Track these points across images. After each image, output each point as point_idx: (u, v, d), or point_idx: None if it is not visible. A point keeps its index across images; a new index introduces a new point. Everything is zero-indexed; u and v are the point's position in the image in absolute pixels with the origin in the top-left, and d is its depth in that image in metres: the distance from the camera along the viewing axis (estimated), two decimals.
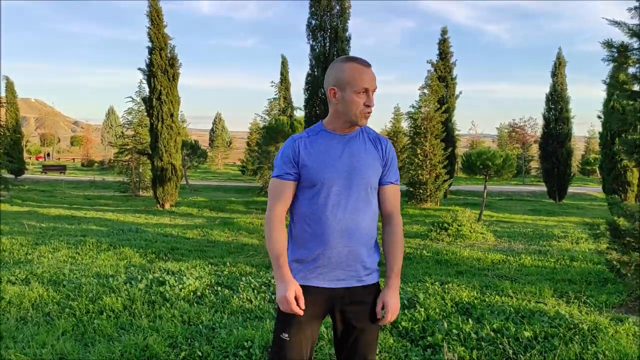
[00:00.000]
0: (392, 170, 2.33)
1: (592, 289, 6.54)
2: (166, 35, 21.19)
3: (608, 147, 20.70)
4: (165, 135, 20.94)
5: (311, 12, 8.86)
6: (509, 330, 4.45)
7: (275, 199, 2.26)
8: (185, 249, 9.55)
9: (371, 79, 2.19)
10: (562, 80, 27.09)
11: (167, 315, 4.85)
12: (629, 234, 6.15)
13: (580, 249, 10.37)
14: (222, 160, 72.64)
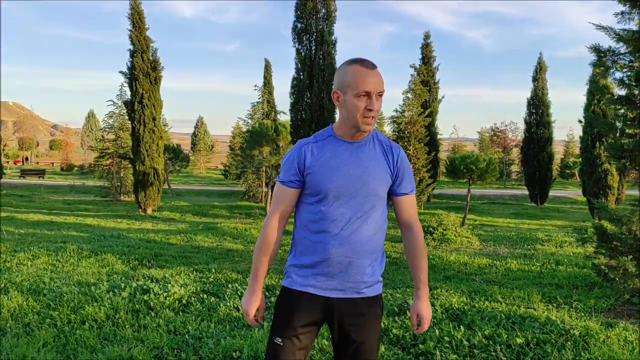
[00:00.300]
0: (406, 180, 2.25)
1: (579, 294, 6.55)
2: (148, 38, 20.96)
3: (589, 151, 20.93)
4: (147, 139, 20.68)
5: (297, 15, 8.80)
6: (501, 337, 4.41)
7: (276, 205, 2.23)
8: (169, 255, 9.38)
9: (375, 82, 2.07)
10: (543, 84, 27.39)
11: (152, 324, 4.72)
12: (616, 238, 6.17)
13: (565, 252, 10.44)
14: (204, 164, 72.13)
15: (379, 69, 2.14)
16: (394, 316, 4.99)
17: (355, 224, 2.13)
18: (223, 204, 24.99)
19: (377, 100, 2.10)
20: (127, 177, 28.44)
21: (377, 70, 2.11)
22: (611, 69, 5.94)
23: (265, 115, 29.11)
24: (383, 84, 2.11)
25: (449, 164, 17.57)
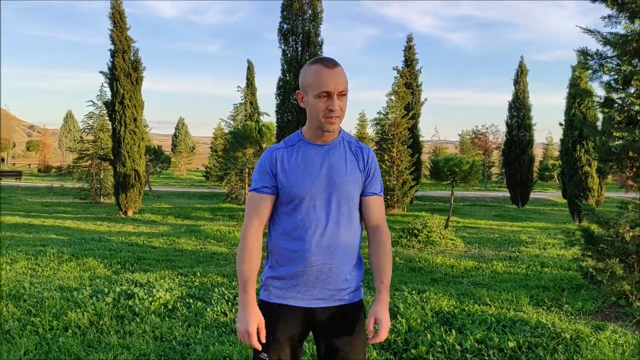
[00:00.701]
0: (375, 180, 2.20)
1: (566, 296, 6.55)
2: (129, 37, 20.71)
3: (570, 154, 21.17)
4: (128, 140, 20.41)
5: (283, 16, 8.72)
6: (493, 340, 4.37)
7: (252, 214, 2.12)
8: (152, 259, 9.22)
9: (335, 82, 2.01)
10: (524, 88, 27.70)
11: (137, 331, 4.60)
12: (602, 240, 6.20)
13: (549, 254, 10.50)
14: (185, 165, 71.57)
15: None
16: None
17: (333, 229, 2.08)
18: (205, 206, 24.76)
19: (340, 100, 2.03)
20: (107, 178, 28.08)
21: (339, 69, 2.04)
22: (598, 72, 5.97)
23: (248, 117, 28.94)
24: (345, 84, 2.05)
25: (433, 166, 17.62)
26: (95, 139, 29.17)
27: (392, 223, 18.44)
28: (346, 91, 2.06)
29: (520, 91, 27.63)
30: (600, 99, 6.04)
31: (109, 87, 20.89)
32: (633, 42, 5.53)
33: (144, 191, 21.89)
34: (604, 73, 5.86)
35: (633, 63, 5.73)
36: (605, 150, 5.99)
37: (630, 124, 5.88)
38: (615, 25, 5.98)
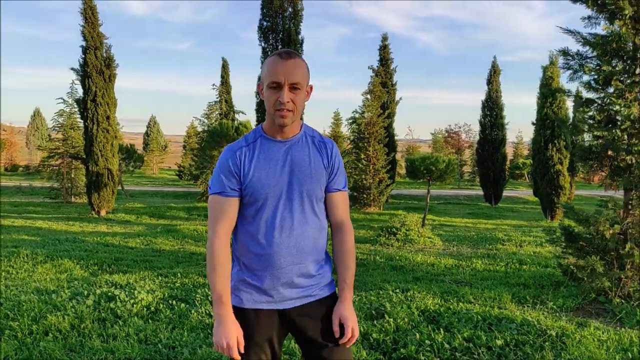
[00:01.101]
0: (339, 176, 2.13)
1: (547, 293, 6.64)
2: (101, 34, 20.31)
3: (542, 153, 21.53)
4: (101, 139, 20.02)
5: (263, 13, 8.62)
6: (480, 339, 4.39)
7: (218, 220, 2.01)
8: (130, 260, 9.04)
9: (286, 72, 1.91)
10: (497, 87, 28.09)
11: (121, 334, 4.49)
12: (582, 238, 6.30)
13: (526, 252, 10.65)
14: (158, 164, 70.65)
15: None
16: (372, 320, 4.92)
17: (299, 228, 2.02)
18: (180, 205, 24.47)
19: (293, 93, 1.93)
20: (79, 178, 27.51)
21: (295, 61, 1.94)
22: (579, 72, 6.05)
23: (224, 115, 28.67)
24: (300, 76, 1.94)
25: (410, 164, 17.73)
26: (66, 138, 28.54)
27: (369, 222, 18.51)
28: (302, 85, 1.95)
29: (494, 91, 28.01)
30: (581, 99, 6.12)
31: (80, 84, 20.45)
32: (613, 42, 5.63)
33: (117, 190, 21.51)
34: (585, 73, 5.95)
35: (612, 63, 5.84)
36: (585, 150, 6.08)
37: (609, 124, 5.98)
38: (594, 26, 6.09)
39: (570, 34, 6.16)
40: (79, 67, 20.26)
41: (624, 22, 5.63)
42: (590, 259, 5.84)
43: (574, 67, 6.08)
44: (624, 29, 5.59)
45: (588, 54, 6.03)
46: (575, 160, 6.38)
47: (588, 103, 6.07)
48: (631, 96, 5.75)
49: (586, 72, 5.92)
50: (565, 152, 21.32)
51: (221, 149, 15.29)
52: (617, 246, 5.88)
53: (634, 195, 5.99)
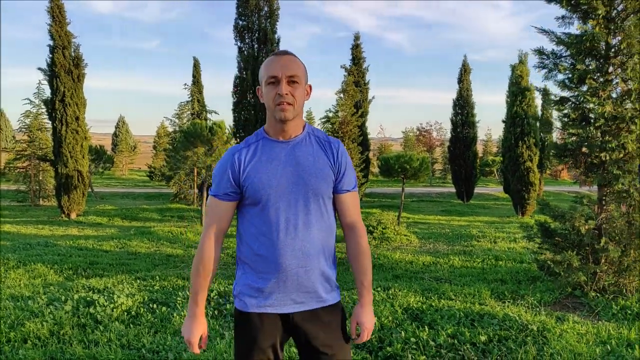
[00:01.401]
0: (347, 176, 2.08)
1: (524, 288, 6.76)
2: (69, 33, 19.87)
3: (512, 150, 21.91)
4: (70, 140, 19.59)
5: (238, 12, 8.55)
6: (464, 335, 4.44)
7: (210, 222, 2.04)
8: (106, 263, 8.88)
9: (283, 66, 1.93)
10: (468, 86, 28.46)
11: (102, 339, 4.40)
12: (558, 234, 6.42)
13: (500, 248, 10.82)
14: (127, 165, 69.54)
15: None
16: None
17: (305, 229, 1.97)
18: (153, 207, 24.12)
19: (291, 86, 1.94)
20: (47, 180, 26.86)
21: (289, 57, 1.98)
22: (554, 71, 6.17)
23: (196, 115, 28.37)
24: (296, 70, 1.95)
25: (384, 163, 17.83)
26: (33, 139, 27.84)
27: None
28: (300, 79, 1.96)
29: (464, 89, 28.37)
30: (556, 97, 6.24)
31: (48, 84, 19.97)
32: (587, 42, 5.75)
33: (87, 193, 21.09)
34: (559, 72, 6.07)
35: (586, 62, 5.97)
36: (561, 147, 6.20)
37: (583, 121, 6.11)
38: (568, 25, 6.21)
39: (545, 33, 6.27)
40: (46, 67, 19.78)
41: (597, 22, 5.76)
42: (567, 254, 5.96)
43: (549, 66, 6.20)
44: (597, 28, 5.72)
45: (562, 53, 6.16)
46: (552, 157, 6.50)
47: (563, 101, 6.19)
48: (604, 94, 5.89)
49: (561, 71, 6.03)
50: (535, 149, 21.75)
51: (195, 149, 15.17)
52: (592, 241, 6.01)
53: (608, 191, 6.13)
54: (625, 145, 5.80)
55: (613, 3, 5.78)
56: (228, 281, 7.06)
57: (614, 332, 4.73)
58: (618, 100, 5.94)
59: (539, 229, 6.49)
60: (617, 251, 5.82)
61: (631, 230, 6.04)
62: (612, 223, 6.15)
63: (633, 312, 5.50)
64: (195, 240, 13.36)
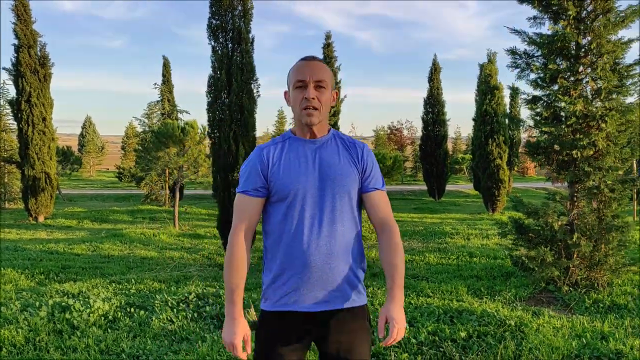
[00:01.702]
0: (374, 175, 2.10)
1: (499, 284, 6.88)
2: (35, 32, 19.38)
3: (482, 148, 22.23)
4: (37, 142, 19.12)
5: (212, 11, 8.47)
6: (444, 332, 4.50)
7: (240, 219, 2.02)
8: (78, 267, 8.70)
9: (310, 71, 1.97)
10: (438, 85, 28.77)
11: (80, 345, 4.32)
12: (531, 230, 6.55)
13: (474, 244, 10.98)
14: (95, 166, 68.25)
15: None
16: None
17: (330, 227, 1.98)
18: (123, 208, 23.73)
19: (318, 91, 1.98)
20: (13, 182, 26.15)
21: (317, 62, 2.02)
22: (526, 70, 6.29)
23: (167, 115, 28.00)
24: (324, 75, 1.99)
25: None
26: None
27: None
28: (327, 84, 2.00)
29: (435, 88, 28.67)
30: (528, 96, 6.36)
31: (13, 84, 19.45)
32: (558, 42, 5.88)
33: (55, 195, 20.62)
34: (532, 71, 6.19)
35: (558, 62, 6.10)
36: (534, 145, 6.32)
37: (555, 120, 6.25)
38: (540, 26, 6.34)
39: (517, 33, 6.39)
40: (11, 67, 19.26)
41: (568, 22, 5.89)
42: (540, 249, 6.09)
43: (521, 66, 6.32)
44: (568, 29, 5.85)
45: (534, 52, 6.28)
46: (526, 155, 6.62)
47: (535, 100, 6.31)
48: (575, 93, 6.03)
49: (533, 71, 6.16)
50: (504, 147, 22.12)
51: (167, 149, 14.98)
52: (565, 237, 6.15)
53: (579, 188, 6.28)
54: (596, 143, 5.95)
55: (583, 4, 5.92)
56: (205, 283, 7.01)
57: (588, 325, 4.85)
58: (588, 99, 6.09)
59: (513, 226, 6.61)
60: (589, 246, 5.97)
61: (602, 226, 6.21)
62: (584, 219, 6.31)
63: (605, 305, 5.65)
64: (168, 241, 13.20)
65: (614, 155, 6.03)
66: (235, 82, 8.62)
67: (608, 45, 5.83)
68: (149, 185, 23.88)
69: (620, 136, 6.03)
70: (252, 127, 9.17)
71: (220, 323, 5.08)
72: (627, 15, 5.82)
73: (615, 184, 6.06)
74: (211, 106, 8.92)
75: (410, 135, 49.93)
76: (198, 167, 16.03)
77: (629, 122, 6.06)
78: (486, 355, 4.08)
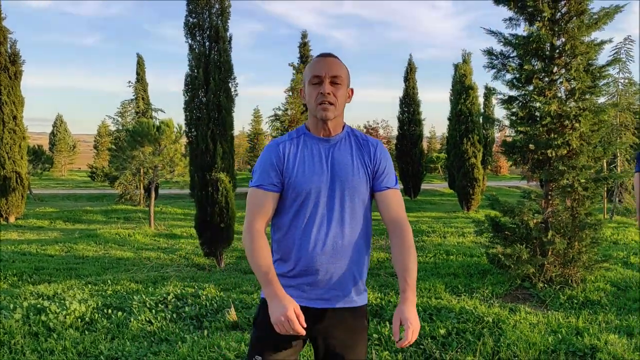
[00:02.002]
0: (387, 174, 2.09)
1: (476, 281, 6.97)
2: (5, 28, 18.93)
3: (458, 147, 22.48)
4: (7, 140, 18.68)
5: (189, 9, 8.40)
6: (424, 329, 4.54)
7: (256, 213, 2.00)
8: (52, 268, 8.54)
9: (327, 67, 1.98)
10: (414, 84, 29.01)
11: (57, 347, 4.25)
12: (507, 228, 6.66)
13: (450, 242, 11.10)
14: (66, 166, 67.05)
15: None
16: None
17: (339, 226, 1.99)
18: (97, 208, 23.36)
19: (333, 87, 1.98)
20: None
21: (333, 59, 2.03)
22: (502, 71, 6.39)
23: (141, 113, 27.65)
24: (340, 71, 2.00)
25: None
26: None
27: None
28: (343, 80, 2.00)
29: (410, 87, 28.91)
30: (504, 96, 6.46)
31: None
32: (533, 43, 5.99)
33: (26, 195, 20.19)
34: (508, 72, 6.29)
35: (533, 63, 6.21)
36: (510, 144, 6.43)
37: (530, 120, 6.36)
38: (515, 27, 6.44)
39: (493, 34, 6.48)
40: None
41: (543, 24, 6.00)
42: (516, 247, 6.20)
43: (497, 66, 6.41)
44: (543, 30, 5.96)
45: (510, 53, 6.38)
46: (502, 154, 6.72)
47: (511, 100, 6.41)
48: (550, 94, 6.14)
49: (509, 71, 6.26)
50: (479, 146, 22.41)
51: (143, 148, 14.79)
52: (540, 234, 6.27)
53: (553, 187, 6.40)
54: (570, 142, 6.08)
55: (557, 5, 6.04)
56: (183, 283, 6.95)
57: (563, 321, 4.96)
58: (563, 99, 6.21)
59: (489, 224, 6.71)
60: (563, 243, 6.09)
61: (575, 223, 6.34)
62: (558, 217, 6.44)
63: (579, 301, 5.78)
64: (144, 241, 13.05)
65: (587, 155, 6.16)
66: (213, 81, 8.56)
67: (582, 47, 5.95)
68: (123, 185, 23.56)
69: (593, 136, 6.17)
70: (230, 126, 9.12)
71: (200, 323, 5.06)
72: (600, 18, 5.96)
73: (589, 183, 6.20)
74: (188, 105, 8.85)
75: (386, 134, 50.23)
76: (174, 166, 15.89)
77: (602, 122, 6.21)
78: (465, 352, 4.14)
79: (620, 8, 6.02)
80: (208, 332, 4.71)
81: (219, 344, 4.19)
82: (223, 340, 4.31)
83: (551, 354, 4.09)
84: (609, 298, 5.83)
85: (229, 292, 6.24)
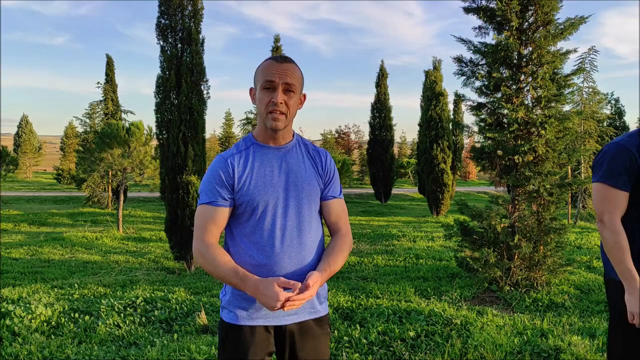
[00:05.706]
0: (334, 184, 2.07)
1: (445, 285, 7.09)
2: None
3: (428, 153, 22.78)
4: None
5: (161, 11, 8.31)
6: (394, 332, 4.60)
7: (206, 230, 1.90)
8: (17, 272, 8.34)
9: (281, 73, 1.87)
10: (385, 90, 29.26)
11: (22, 352, 4.15)
12: (476, 232, 6.79)
13: (419, 246, 11.23)
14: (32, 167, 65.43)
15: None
16: None
17: (300, 237, 1.93)
18: (63, 211, 22.88)
19: (286, 95, 1.89)
20: None
21: (289, 64, 1.92)
22: (472, 78, 6.52)
23: (110, 115, 27.19)
24: (294, 78, 1.90)
25: None
26: None
27: None
28: (296, 88, 1.91)
29: (382, 93, 29.14)
30: (474, 103, 6.59)
31: None
32: (502, 51, 6.13)
33: None
34: (477, 79, 6.42)
35: (501, 71, 6.35)
36: (478, 150, 6.55)
37: (499, 126, 6.50)
38: (484, 35, 6.58)
39: (463, 42, 6.61)
40: None
41: (511, 33, 6.15)
42: (484, 250, 6.32)
43: (467, 73, 6.54)
44: (511, 39, 6.11)
45: (480, 61, 6.52)
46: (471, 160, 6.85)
47: (480, 107, 6.54)
48: (517, 101, 6.29)
49: (478, 78, 6.39)
50: (449, 152, 22.75)
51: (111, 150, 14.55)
52: (507, 238, 6.40)
53: (520, 192, 6.55)
54: (536, 149, 6.24)
55: (525, 15, 6.20)
56: (153, 287, 6.88)
57: (529, 323, 5.07)
58: (529, 106, 6.37)
59: (458, 228, 6.82)
60: (529, 247, 6.24)
61: (541, 228, 6.50)
62: (524, 221, 6.59)
63: (544, 304, 5.93)
64: (112, 245, 12.84)
65: (553, 161, 6.33)
66: (185, 83, 8.49)
67: (548, 56, 6.12)
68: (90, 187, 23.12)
69: (559, 142, 6.34)
70: (202, 128, 9.05)
71: (170, 327, 5.01)
72: (566, 28, 6.13)
73: (554, 188, 6.36)
74: (159, 107, 8.75)
75: (358, 139, 50.56)
76: (144, 169, 15.65)
77: (567, 130, 6.39)
78: (434, 354, 4.20)
79: (584, 19, 6.22)
80: (178, 335, 4.67)
81: (189, 348, 4.16)
82: (193, 343, 4.28)
83: (517, 355, 4.18)
84: (573, 301, 5.99)
85: (200, 296, 6.20)
